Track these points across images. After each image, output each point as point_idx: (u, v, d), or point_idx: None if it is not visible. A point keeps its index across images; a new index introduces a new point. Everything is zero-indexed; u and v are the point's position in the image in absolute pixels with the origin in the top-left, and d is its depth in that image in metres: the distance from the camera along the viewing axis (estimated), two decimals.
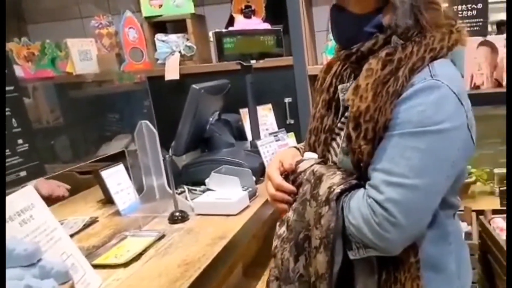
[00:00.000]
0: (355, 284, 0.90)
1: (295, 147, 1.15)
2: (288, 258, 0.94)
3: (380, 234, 0.81)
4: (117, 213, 1.52)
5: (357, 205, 0.84)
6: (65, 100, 2.63)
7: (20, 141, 0.96)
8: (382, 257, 0.87)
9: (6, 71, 0.89)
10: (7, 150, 0.90)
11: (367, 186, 0.86)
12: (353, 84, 0.89)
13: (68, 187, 1.88)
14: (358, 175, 0.89)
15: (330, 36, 1.96)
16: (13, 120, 0.94)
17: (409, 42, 0.86)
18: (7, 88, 0.87)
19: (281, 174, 1.01)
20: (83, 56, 2.42)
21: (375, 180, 0.84)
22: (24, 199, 0.91)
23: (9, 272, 0.66)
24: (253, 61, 1.73)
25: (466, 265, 1.01)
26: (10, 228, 0.83)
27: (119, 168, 1.58)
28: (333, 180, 0.89)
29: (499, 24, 1.79)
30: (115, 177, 1.55)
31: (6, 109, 0.87)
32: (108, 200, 1.65)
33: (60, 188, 1.85)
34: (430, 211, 0.85)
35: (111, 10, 2.55)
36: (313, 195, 0.90)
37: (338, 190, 0.87)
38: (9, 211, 0.85)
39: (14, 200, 0.88)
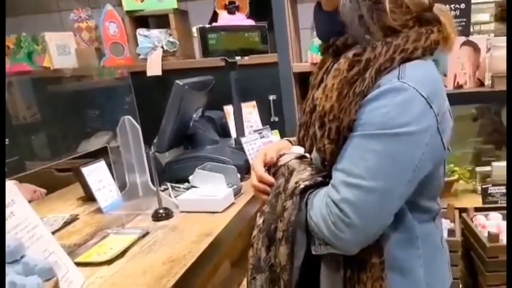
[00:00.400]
0: (320, 280, 0.91)
1: (288, 139, 1.14)
2: (261, 248, 0.96)
3: (336, 234, 0.82)
4: (99, 210, 1.49)
5: (318, 203, 0.85)
6: (43, 95, 2.55)
7: None
8: (351, 257, 0.87)
9: None
10: None
11: (329, 185, 0.86)
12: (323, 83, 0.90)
13: (44, 191, 1.82)
14: (327, 173, 0.89)
15: (315, 33, 1.96)
16: None
17: (380, 42, 0.84)
18: None
19: (265, 166, 1.02)
20: (61, 50, 2.35)
21: (335, 179, 0.84)
22: (6, 195, 0.88)
23: None
24: (237, 58, 1.71)
25: (438, 272, 0.99)
26: None
27: (101, 165, 1.54)
28: (301, 175, 0.91)
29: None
30: (96, 174, 1.51)
31: None
32: (88, 198, 1.61)
33: (36, 194, 1.79)
34: (387, 214, 0.83)
35: (91, 3, 2.49)
36: (284, 188, 0.92)
37: (302, 185, 0.89)
38: None
39: None
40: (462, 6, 1.65)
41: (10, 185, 0.91)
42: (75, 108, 2.48)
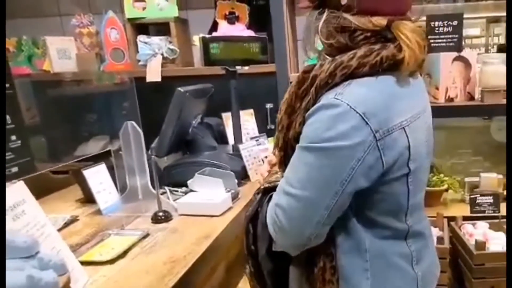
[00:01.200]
0: (289, 272, 1.00)
1: None
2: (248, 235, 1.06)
3: (274, 235, 0.91)
4: (98, 212, 1.52)
5: (270, 204, 0.93)
6: (42, 98, 2.58)
7: (13, 137, 0.97)
8: (310, 256, 0.93)
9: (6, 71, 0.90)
10: None
11: None
12: None
13: None
14: None
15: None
16: (8, 116, 0.94)
17: (328, 60, 0.87)
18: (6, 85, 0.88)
19: None
20: (61, 55, 2.39)
21: (279, 185, 0.91)
22: (16, 194, 0.91)
23: (9, 263, 0.66)
24: (238, 67, 1.77)
25: None
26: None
27: (101, 168, 1.57)
28: (269, 178, 1.03)
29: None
30: (97, 177, 1.54)
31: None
32: (87, 199, 1.64)
33: None
34: (314, 221, 0.86)
35: (92, 9, 2.53)
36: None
37: (262, 187, 1.01)
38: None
39: (7, 195, 0.88)
40: (455, 23, 1.71)
41: (21, 185, 0.95)
42: (73, 111, 2.51)
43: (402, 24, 0.86)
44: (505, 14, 2.33)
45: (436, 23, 1.72)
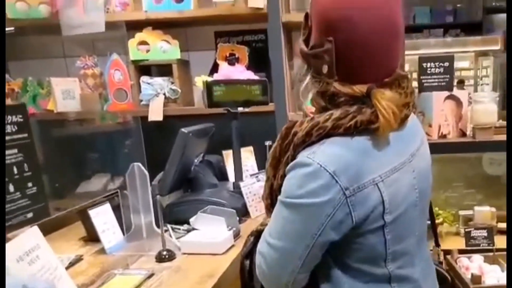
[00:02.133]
0: None
1: None
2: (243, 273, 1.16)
3: (259, 278, 1.00)
4: (102, 251, 1.55)
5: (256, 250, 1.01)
6: (46, 137, 2.64)
7: (29, 184, 1.02)
8: None
9: (22, 119, 0.96)
10: (17, 193, 0.96)
11: None
12: None
13: None
14: None
15: None
16: (25, 165, 1.00)
17: (308, 118, 0.92)
18: (21, 135, 0.94)
19: None
20: (66, 95, 2.46)
21: (263, 233, 1.00)
22: (31, 240, 0.96)
23: None
24: (240, 108, 1.84)
25: None
26: (21, 268, 0.88)
27: (106, 207, 1.62)
28: (264, 221, 1.08)
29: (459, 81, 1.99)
30: (102, 216, 1.59)
31: (20, 154, 0.93)
32: (91, 238, 1.67)
33: None
34: (289, 269, 0.93)
35: (96, 51, 2.62)
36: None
37: (255, 230, 1.10)
38: (18, 251, 0.90)
39: (23, 241, 0.93)
40: (446, 64, 1.82)
41: (35, 230, 1.00)
42: (76, 150, 2.56)
43: (379, 93, 0.89)
44: (492, 48, 2.45)
45: (429, 64, 1.83)
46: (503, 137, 1.74)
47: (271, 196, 1.00)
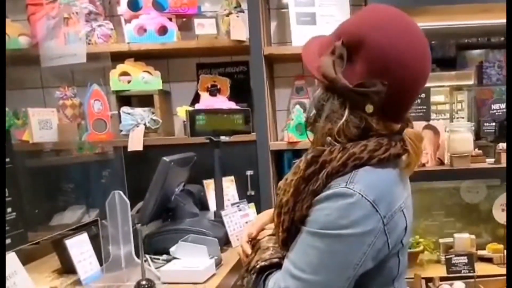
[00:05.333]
0: None
1: None
2: None
3: None
4: (77, 282, 1.49)
5: (272, 286, 0.94)
6: (19, 168, 2.56)
7: (9, 209, 0.99)
8: None
9: (6, 144, 0.95)
10: None
11: (281, 270, 0.96)
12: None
13: None
14: (286, 253, 0.99)
15: (292, 115, 2.15)
16: (6, 190, 0.97)
17: (338, 147, 0.91)
18: (5, 160, 0.92)
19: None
20: (43, 125, 2.42)
21: (284, 267, 0.94)
22: (8, 266, 0.93)
23: None
24: (223, 137, 1.84)
25: None
26: None
27: (83, 237, 1.57)
28: (262, 255, 1.02)
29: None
30: (79, 246, 1.53)
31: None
32: (65, 270, 1.61)
33: None
34: None
35: (76, 82, 2.61)
36: (249, 265, 1.05)
37: (258, 266, 1.00)
38: None
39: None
40: (423, 95, 1.89)
41: (13, 257, 0.96)
42: (50, 181, 2.50)
43: (409, 132, 0.95)
44: (466, 83, 2.55)
45: None
46: (479, 165, 1.79)
47: (290, 229, 0.95)
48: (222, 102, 2.04)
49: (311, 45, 1.01)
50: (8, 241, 0.94)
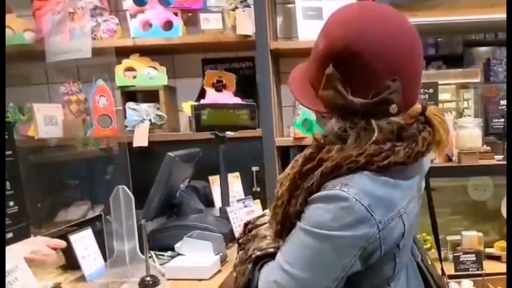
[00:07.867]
0: None
1: None
2: None
3: None
4: (82, 278, 1.48)
5: (264, 276, 0.94)
6: (24, 164, 2.56)
7: (11, 203, 0.98)
8: None
9: (7, 136, 0.94)
10: None
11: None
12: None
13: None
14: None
15: (298, 111, 2.14)
16: (8, 183, 0.97)
17: (336, 146, 0.88)
18: (7, 152, 0.91)
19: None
20: (48, 121, 2.42)
21: (276, 259, 0.93)
22: (10, 261, 0.92)
23: None
24: (228, 133, 1.83)
25: None
26: None
27: (87, 233, 1.56)
28: (259, 244, 1.01)
29: None
30: (83, 242, 1.53)
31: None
32: (69, 266, 1.60)
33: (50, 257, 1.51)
34: None
35: (81, 77, 2.60)
36: (245, 253, 1.03)
37: (254, 256, 0.99)
38: None
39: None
40: (431, 91, 1.86)
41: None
42: (55, 177, 2.50)
43: (431, 108, 0.93)
44: (472, 80, 2.52)
45: None
46: (487, 162, 1.76)
47: (284, 222, 0.94)
48: (228, 97, 2.03)
49: (298, 85, 0.99)
50: (10, 235, 0.93)
